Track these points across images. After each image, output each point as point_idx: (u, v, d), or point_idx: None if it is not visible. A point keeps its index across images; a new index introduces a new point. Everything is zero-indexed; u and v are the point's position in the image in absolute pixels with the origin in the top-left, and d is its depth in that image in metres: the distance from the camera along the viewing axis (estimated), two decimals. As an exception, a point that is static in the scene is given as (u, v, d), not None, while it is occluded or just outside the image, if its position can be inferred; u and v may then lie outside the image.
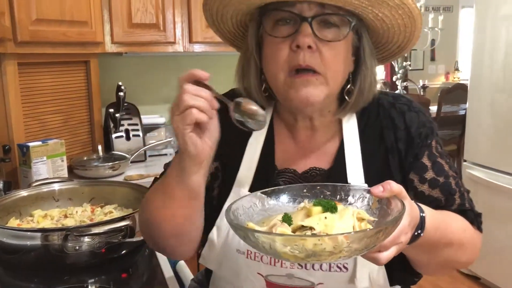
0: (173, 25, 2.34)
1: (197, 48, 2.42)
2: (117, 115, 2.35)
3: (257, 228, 0.70)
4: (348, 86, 0.95)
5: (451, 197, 0.97)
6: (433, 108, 4.90)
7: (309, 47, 0.85)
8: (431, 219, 0.81)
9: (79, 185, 1.55)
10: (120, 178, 2.15)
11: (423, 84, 6.02)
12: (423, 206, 0.82)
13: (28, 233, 1.18)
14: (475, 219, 0.98)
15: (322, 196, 0.80)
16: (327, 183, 0.83)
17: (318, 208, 0.72)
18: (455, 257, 0.94)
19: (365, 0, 0.85)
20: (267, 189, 0.82)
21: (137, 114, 2.49)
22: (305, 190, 0.82)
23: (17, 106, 1.92)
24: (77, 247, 1.15)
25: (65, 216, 1.41)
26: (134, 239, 1.24)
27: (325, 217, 0.69)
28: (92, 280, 1.17)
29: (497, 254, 2.86)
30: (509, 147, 2.79)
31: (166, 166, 1.09)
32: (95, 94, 2.34)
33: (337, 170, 0.96)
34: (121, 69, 2.65)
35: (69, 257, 1.16)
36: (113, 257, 1.22)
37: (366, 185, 0.91)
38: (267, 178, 0.97)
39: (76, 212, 1.42)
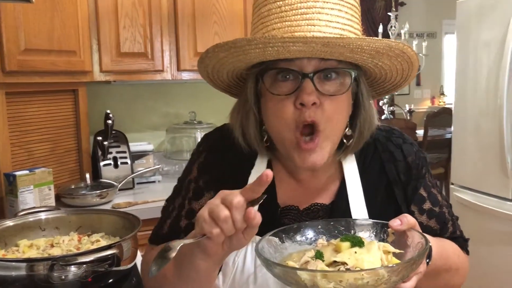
0: (161, 54, 2.37)
1: (185, 75, 2.45)
2: (105, 143, 2.36)
3: (297, 266, 0.73)
4: (346, 130, 0.94)
5: (445, 226, 1.01)
6: (420, 132, 4.96)
7: (313, 103, 0.85)
8: (435, 248, 0.87)
9: (66, 214, 1.53)
10: (108, 206, 2.14)
11: (409, 109, 6.10)
12: (427, 236, 0.85)
13: (13, 263, 1.16)
14: (464, 244, 1.04)
15: (336, 232, 0.84)
16: (340, 219, 0.87)
17: (347, 244, 0.75)
18: (452, 280, 0.99)
19: (366, 54, 0.85)
20: (285, 227, 0.84)
21: (125, 142, 2.50)
22: (319, 227, 0.86)
23: (4, 135, 1.92)
24: (63, 277, 1.13)
25: (52, 246, 1.39)
26: (121, 268, 1.23)
27: (355, 252, 0.73)
28: (78, 310, 1.16)
29: (485, 277, 2.86)
30: (494, 169, 2.82)
31: (177, 186, 1.07)
32: (83, 122, 2.34)
33: (339, 205, 0.97)
34: (109, 97, 2.67)
35: (55, 287, 1.14)
36: (100, 286, 1.20)
37: (370, 219, 0.92)
38: (271, 217, 0.96)
39: (63, 241, 1.40)
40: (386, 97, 5.67)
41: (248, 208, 0.71)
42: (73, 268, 1.14)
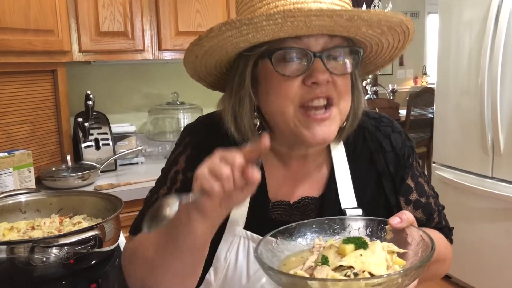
0: (142, 33, 2.33)
1: (167, 55, 2.41)
2: (86, 124, 2.32)
3: (306, 275, 0.71)
4: None
5: (431, 216, 1.01)
6: (403, 112, 4.99)
7: (327, 81, 0.83)
8: None
9: (46, 196, 1.51)
10: (90, 188, 2.12)
11: (393, 89, 6.13)
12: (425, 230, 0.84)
13: (-7, 246, 1.15)
14: (449, 234, 1.04)
15: (331, 230, 0.83)
16: (334, 217, 0.85)
17: (351, 246, 0.73)
18: (439, 271, 1.00)
19: (379, 29, 0.82)
20: (280, 228, 0.81)
21: (107, 123, 2.46)
22: (314, 226, 0.83)
23: (-19, 117, 1.88)
24: (44, 259, 1.12)
25: (33, 228, 1.37)
26: (104, 249, 1.22)
27: (360, 254, 0.71)
28: (61, 292, 1.15)
29: (467, 253, 2.92)
30: (475, 148, 2.87)
31: (161, 178, 1.02)
32: (63, 103, 2.30)
33: (329, 197, 0.95)
34: (90, 78, 2.62)
35: (36, 270, 1.13)
36: (82, 268, 1.20)
37: (365, 216, 0.90)
38: (262, 213, 0.95)
39: (44, 223, 1.39)
40: (369, 77, 5.69)
41: (246, 169, 0.71)
42: (54, 250, 1.13)
